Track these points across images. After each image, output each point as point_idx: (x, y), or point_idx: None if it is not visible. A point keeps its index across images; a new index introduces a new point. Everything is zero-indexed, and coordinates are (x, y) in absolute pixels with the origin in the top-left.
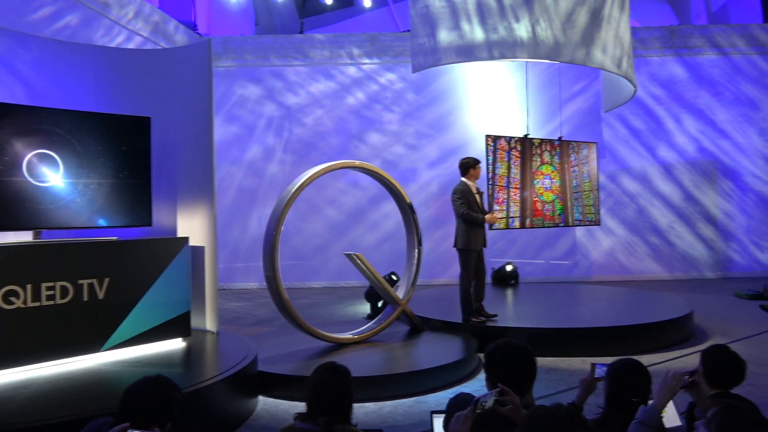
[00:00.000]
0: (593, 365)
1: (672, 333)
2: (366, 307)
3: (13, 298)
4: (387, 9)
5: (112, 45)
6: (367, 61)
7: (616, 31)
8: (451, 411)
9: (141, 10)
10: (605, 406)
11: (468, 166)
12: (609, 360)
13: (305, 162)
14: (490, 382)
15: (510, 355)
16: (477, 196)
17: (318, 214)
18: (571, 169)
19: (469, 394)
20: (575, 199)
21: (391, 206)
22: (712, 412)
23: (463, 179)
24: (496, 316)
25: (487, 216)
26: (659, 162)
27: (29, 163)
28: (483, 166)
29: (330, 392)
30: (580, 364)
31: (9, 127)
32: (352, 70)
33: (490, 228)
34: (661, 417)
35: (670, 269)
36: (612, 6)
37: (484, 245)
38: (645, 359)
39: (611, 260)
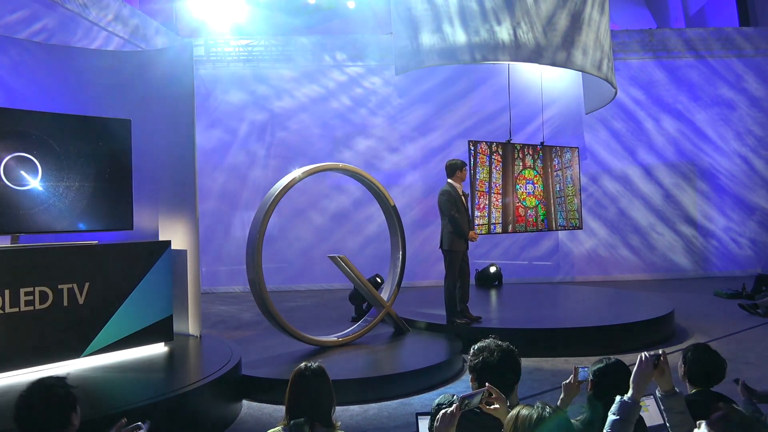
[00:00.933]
0: (576, 368)
1: (653, 332)
2: (349, 310)
3: None
4: (369, 11)
5: (92, 47)
6: (350, 63)
7: (597, 33)
8: (436, 413)
9: (120, 12)
10: (588, 406)
11: (455, 168)
12: (591, 362)
13: (289, 166)
14: (476, 382)
15: (495, 355)
16: (463, 198)
17: (302, 217)
18: (554, 173)
19: (454, 396)
20: (558, 204)
21: (374, 209)
22: (716, 415)
23: (449, 181)
24: (480, 319)
25: (471, 233)
26: (639, 163)
27: (7, 166)
28: (469, 168)
29: (307, 394)
30: (564, 364)
31: None
32: (335, 73)
33: (471, 240)
34: (639, 408)
35: (651, 269)
36: (592, 9)
37: (468, 246)
38: (627, 359)
39: (593, 261)
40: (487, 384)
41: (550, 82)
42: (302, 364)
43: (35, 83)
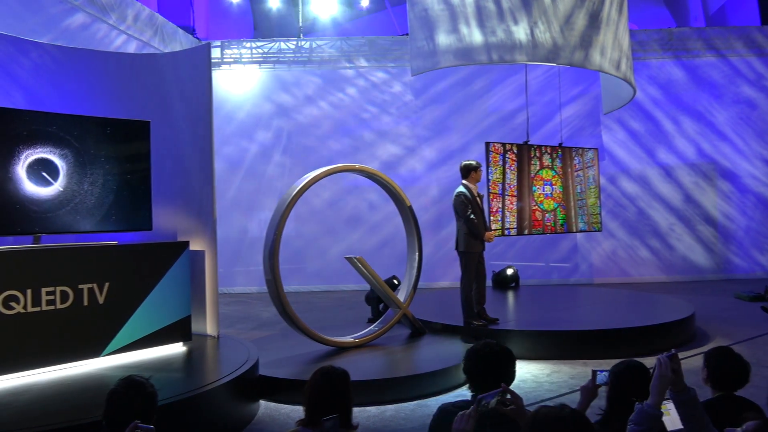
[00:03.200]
0: (594, 372)
1: (674, 335)
2: (366, 311)
3: (13, 303)
4: (385, 12)
5: (111, 49)
6: (365, 64)
7: (615, 33)
8: (440, 416)
9: (140, 14)
10: (607, 408)
11: (469, 169)
12: (611, 365)
13: (304, 166)
14: (471, 384)
15: (489, 357)
16: (478, 200)
17: (318, 218)
18: (575, 173)
19: (459, 403)
20: (579, 207)
21: (390, 209)
22: (751, 425)
23: (464, 182)
24: (497, 320)
25: (487, 234)
26: (658, 164)
27: (29, 167)
28: (483, 169)
29: (328, 396)
30: (582, 366)
31: (8, 131)
32: (350, 74)
33: (487, 241)
34: (660, 415)
35: (671, 271)
36: (611, 8)
37: (484, 248)
38: (647, 362)
39: (611, 263)
40: (503, 384)
41: (567, 82)
42: (326, 365)
43: (57, 86)
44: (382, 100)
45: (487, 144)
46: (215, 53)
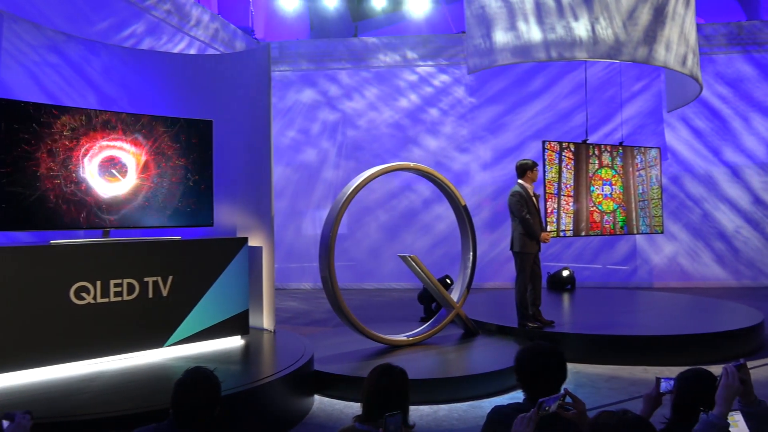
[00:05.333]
0: (658, 379)
1: (742, 343)
2: (417, 310)
3: (84, 294)
4: (440, 11)
5: (175, 51)
6: (420, 63)
7: (681, 27)
8: (494, 417)
9: (202, 17)
10: (671, 417)
11: (525, 168)
12: (674, 373)
13: (359, 164)
14: (521, 385)
15: (539, 358)
16: (534, 199)
17: (371, 215)
18: (637, 173)
19: (513, 405)
20: (641, 209)
21: (443, 209)
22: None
23: (520, 181)
24: (553, 323)
25: (543, 234)
26: (725, 164)
27: (100, 165)
28: (540, 168)
29: (387, 394)
30: (642, 373)
31: (80, 130)
32: (405, 73)
33: (543, 242)
34: (726, 426)
35: (737, 276)
36: (677, 2)
37: (540, 248)
38: (714, 370)
39: (673, 266)
40: (564, 388)
41: (628, 79)
42: (385, 363)
43: (125, 86)
44: (437, 99)
45: (544, 142)
46: (272, 54)
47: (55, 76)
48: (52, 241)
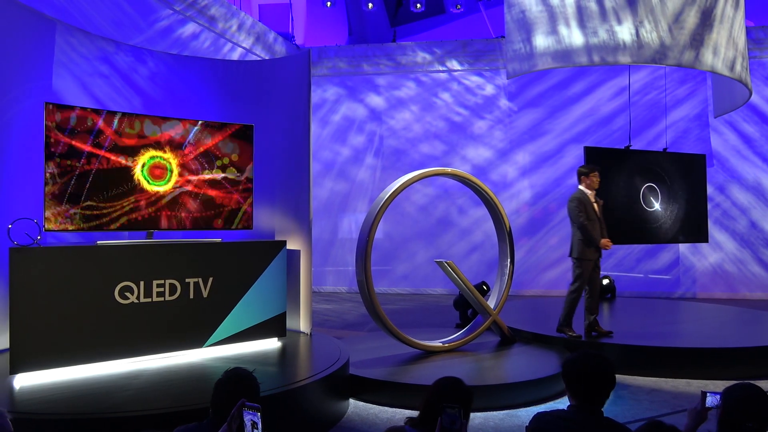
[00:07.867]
0: (704, 393)
1: None
2: (453, 316)
3: (128, 294)
4: (479, 15)
5: (218, 57)
6: (458, 67)
7: (730, 31)
8: (536, 427)
9: (244, 23)
10: None
11: (580, 174)
12: (719, 388)
13: (395, 168)
14: (569, 392)
15: (588, 366)
16: (595, 205)
17: (407, 221)
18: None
19: (555, 412)
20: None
21: (480, 215)
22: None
23: (580, 187)
24: (611, 333)
25: (603, 240)
26: None
27: (147, 168)
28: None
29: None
30: (686, 386)
31: (131, 135)
32: (443, 77)
33: (604, 248)
34: None
35: None
36: (725, 4)
37: (600, 255)
38: (762, 385)
39: (718, 276)
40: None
41: (673, 83)
42: (451, 377)
43: (171, 92)
44: (475, 104)
45: (586, 149)
46: (312, 58)
47: (102, 84)
48: (98, 242)
